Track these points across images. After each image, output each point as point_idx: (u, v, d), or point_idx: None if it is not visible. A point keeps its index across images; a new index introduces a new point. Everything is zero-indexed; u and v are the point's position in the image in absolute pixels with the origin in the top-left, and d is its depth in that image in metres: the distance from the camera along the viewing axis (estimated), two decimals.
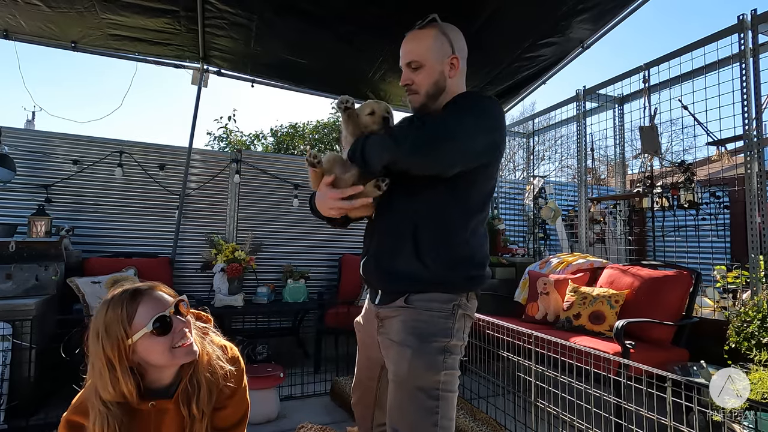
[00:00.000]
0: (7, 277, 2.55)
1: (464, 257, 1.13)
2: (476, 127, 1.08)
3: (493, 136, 1.11)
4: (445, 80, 1.20)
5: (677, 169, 3.10)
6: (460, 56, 1.22)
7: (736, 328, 2.15)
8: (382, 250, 1.19)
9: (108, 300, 1.02)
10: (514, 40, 3.06)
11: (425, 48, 1.19)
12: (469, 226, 1.14)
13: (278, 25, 2.90)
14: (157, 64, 3.51)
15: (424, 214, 1.13)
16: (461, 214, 1.13)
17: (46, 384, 2.50)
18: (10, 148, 3.27)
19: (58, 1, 2.64)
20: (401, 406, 1.10)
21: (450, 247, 1.12)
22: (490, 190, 1.20)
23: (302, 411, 2.60)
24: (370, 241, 1.24)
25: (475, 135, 1.07)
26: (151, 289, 1.06)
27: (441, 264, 1.11)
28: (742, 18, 2.63)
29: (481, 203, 1.18)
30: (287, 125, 8.75)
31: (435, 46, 1.19)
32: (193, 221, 3.88)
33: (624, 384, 1.63)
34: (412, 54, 1.20)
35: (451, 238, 1.12)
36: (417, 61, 1.19)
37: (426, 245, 1.11)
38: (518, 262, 4.08)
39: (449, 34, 1.21)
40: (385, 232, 1.19)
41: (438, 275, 1.11)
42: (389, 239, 1.17)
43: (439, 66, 1.19)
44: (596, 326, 2.62)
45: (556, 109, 4.32)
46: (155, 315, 1.00)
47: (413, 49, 1.21)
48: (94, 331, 1.00)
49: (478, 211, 1.17)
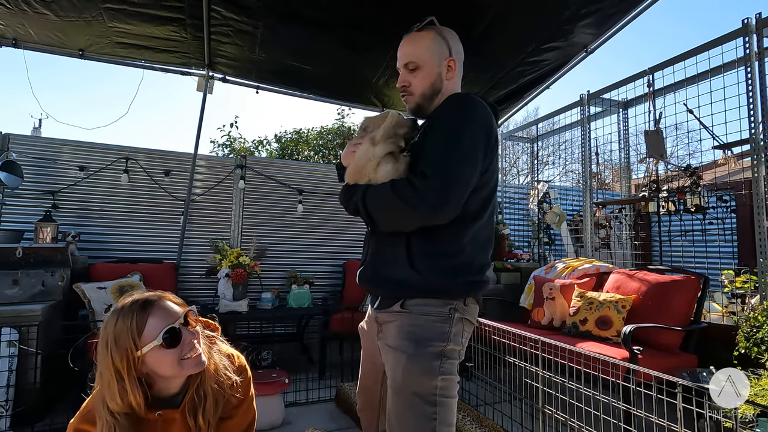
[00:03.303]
0: (14, 283, 2.56)
1: (460, 265, 1.12)
2: (472, 158, 1.07)
3: (479, 156, 1.09)
4: (441, 82, 1.22)
5: (683, 173, 3.09)
6: (457, 59, 1.24)
7: (746, 334, 2.13)
8: (377, 260, 1.19)
9: (118, 310, 1.02)
10: (517, 45, 3.07)
11: (423, 50, 1.20)
12: (465, 233, 1.12)
13: (282, 32, 2.93)
14: (163, 72, 3.54)
15: None
16: (455, 224, 1.11)
17: (51, 390, 2.50)
18: (17, 155, 3.30)
19: (67, 10, 2.67)
20: (399, 412, 1.09)
21: (444, 256, 1.11)
22: (487, 196, 1.17)
23: (307, 417, 2.59)
24: (368, 251, 1.24)
25: (473, 165, 1.08)
26: (161, 299, 1.06)
27: (435, 272, 1.10)
28: (747, 22, 2.62)
29: (478, 210, 1.15)
30: (291, 131, 8.79)
31: (433, 48, 1.20)
32: (198, 227, 3.89)
33: (633, 390, 1.61)
34: (410, 56, 1.21)
35: (444, 247, 1.11)
36: (414, 63, 1.21)
37: (419, 255, 1.11)
38: (523, 267, 4.06)
39: (447, 37, 1.23)
40: (382, 242, 1.19)
41: (433, 282, 1.10)
42: (385, 248, 1.17)
43: (437, 68, 1.20)
44: (603, 331, 2.60)
45: (560, 114, 4.32)
46: (165, 327, 1.00)
47: (411, 51, 1.22)
48: (104, 341, 1.00)
49: (474, 218, 1.14)
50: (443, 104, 1.19)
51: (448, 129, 1.10)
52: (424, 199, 1.02)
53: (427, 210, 1.03)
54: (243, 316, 3.32)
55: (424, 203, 1.02)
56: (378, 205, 1.09)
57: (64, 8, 2.65)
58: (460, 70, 1.27)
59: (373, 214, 1.10)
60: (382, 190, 1.09)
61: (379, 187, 1.10)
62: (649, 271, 2.87)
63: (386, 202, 1.07)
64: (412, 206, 1.03)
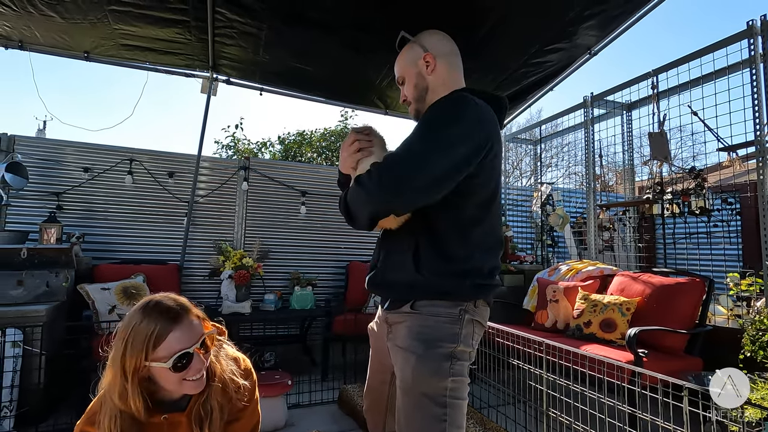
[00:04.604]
0: (19, 284, 2.57)
1: (470, 269, 1.11)
2: (445, 148, 1.02)
3: (459, 150, 1.03)
4: (424, 79, 1.24)
5: (688, 176, 3.08)
6: (434, 53, 1.23)
7: (751, 337, 2.11)
8: (387, 266, 1.20)
9: (148, 309, 1.01)
10: (521, 46, 3.06)
11: (402, 63, 1.29)
12: (469, 237, 1.11)
13: (286, 34, 2.93)
14: (167, 73, 3.55)
15: (421, 231, 1.12)
16: (458, 228, 1.10)
17: (55, 390, 2.51)
18: (23, 156, 3.32)
19: (72, 12, 2.69)
20: (408, 413, 1.09)
21: (452, 261, 1.10)
22: (488, 198, 1.14)
23: (310, 419, 2.58)
24: (378, 257, 1.25)
25: (445, 156, 1.02)
26: (189, 314, 1.04)
27: (444, 276, 1.10)
28: (752, 24, 2.61)
29: (480, 214, 1.13)
30: (295, 133, 8.81)
31: (407, 56, 1.27)
32: (202, 228, 3.90)
33: (639, 393, 1.60)
34: (397, 72, 1.31)
35: (452, 253, 1.10)
36: (401, 77, 1.30)
37: (427, 261, 1.10)
38: (526, 269, 4.05)
39: (419, 38, 1.27)
40: (391, 249, 1.19)
41: (442, 284, 1.10)
42: (394, 255, 1.17)
43: (415, 69, 1.25)
44: (607, 334, 2.59)
45: (563, 116, 4.32)
46: (179, 351, 0.99)
47: (397, 69, 1.31)
48: (123, 333, 0.99)
49: (477, 222, 1.13)
50: (433, 103, 1.19)
51: (423, 122, 1.11)
52: (376, 180, 1.01)
53: (377, 190, 1.01)
54: (246, 318, 3.32)
55: (375, 184, 1.01)
56: (350, 197, 1.09)
57: (69, 10, 2.66)
58: (449, 61, 1.25)
59: (349, 207, 1.10)
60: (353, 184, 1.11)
61: None
62: (653, 274, 2.85)
63: (351, 194, 1.09)
64: (367, 191, 1.03)
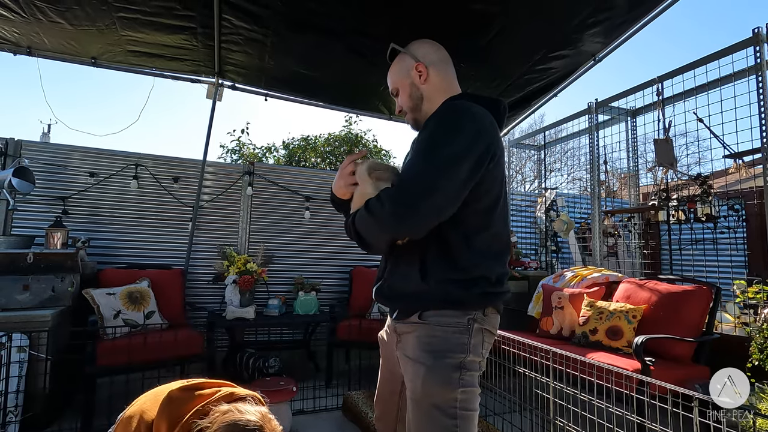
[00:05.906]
0: (25, 288, 2.58)
1: (478, 278, 1.10)
2: (450, 168, 1.02)
3: (464, 167, 1.03)
4: (418, 89, 1.25)
5: (694, 182, 3.06)
6: (425, 61, 1.24)
7: (759, 345, 2.10)
8: (394, 277, 1.19)
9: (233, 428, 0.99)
10: (525, 53, 3.07)
11: (395, 74, 1.29)
12: (475, 244, 1.10)
13: (292, 40, 2.95)
14: (173, 79, 3.58)
15: (426, 240, 1.11)
16: (463, 236, 1.10)
17: (60, 395, 2.51)
18: (29, 161, 3.34)
19: (81, 19, 2.72)
20: (418, 424, 1.08)
21: (459, 271, 1.10)
22: (492, 204, 1.14)
23: (314, 426, 2.57)
24: (384, 267, 1.24)
25: (451, 175, 1.02)
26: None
27: (453, 286, 1.09)
28: (758, 31, 2.61)
29: (485, 220, 1.13)
30: (299, 138, 8.84)
31: (399, 68, 1.29)
32: (206, 233, 3.91)
33: (647, 402, 1.59)
34: (390, 84, 1.33)
35: (458, 263, 1.10)
36: (394, 89, 1.31)
37: (431, 270, 1.10)
38: (531, 275, 4.03)
39: (410, 48, 1.28)
40: (398, 260, 1.19)
41: (450, 293, 1.09)
42: (401, 266, 1.17)
43: (407, 80, 1.26)
44: (614, 342, 2.57)
45: (568, 122, 4.32)
46: None
47: (390, 80, 1.33)
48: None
49: (482, 229, 1.12)
50: (432, 114, 1.19)
51: (426, 140, 1.10)
52: (388, 208, 1.02)
53: (390, 219, 1.02)
54: (250, 323, 3.32)
55: (388, 213, 1.02)
56: (360, 223, 1.10)
57: (78, 17, 2.69)
58: (440, 69, 1.25)
59: (361, 236, 1.10)
60: (361, 209, 1.11)
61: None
62: (659, 281, 2.84)
63: (363, 223, 1.08)
64: (380, 222, 1.04)
